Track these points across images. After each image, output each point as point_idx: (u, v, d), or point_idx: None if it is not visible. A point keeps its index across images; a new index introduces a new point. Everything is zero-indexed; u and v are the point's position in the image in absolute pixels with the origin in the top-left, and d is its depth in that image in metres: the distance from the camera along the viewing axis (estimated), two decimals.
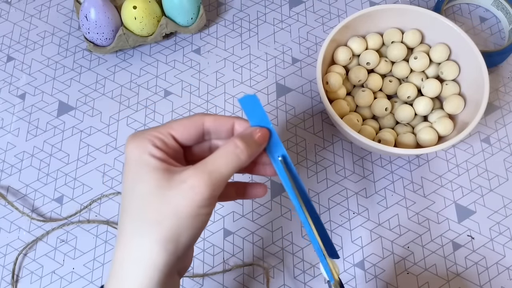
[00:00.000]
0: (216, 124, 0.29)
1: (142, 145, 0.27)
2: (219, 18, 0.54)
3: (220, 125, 0.29)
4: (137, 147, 0.27)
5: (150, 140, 0.27)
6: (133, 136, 0.28)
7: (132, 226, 0.26)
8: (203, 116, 0.29)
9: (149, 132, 0.28)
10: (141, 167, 0.27)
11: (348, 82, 0.47)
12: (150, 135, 0.28)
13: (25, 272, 0.44)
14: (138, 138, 0.28)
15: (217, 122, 0.29)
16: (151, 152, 0.27)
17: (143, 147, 0.27)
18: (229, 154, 0.27)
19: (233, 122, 0.29)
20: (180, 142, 0.29)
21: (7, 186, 0.47)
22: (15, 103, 0.51)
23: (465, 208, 0.45)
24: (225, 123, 0.29)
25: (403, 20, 0.47)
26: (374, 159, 0.47)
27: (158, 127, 0.28)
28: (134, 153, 0.27)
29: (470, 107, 0.44)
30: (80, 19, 0.48)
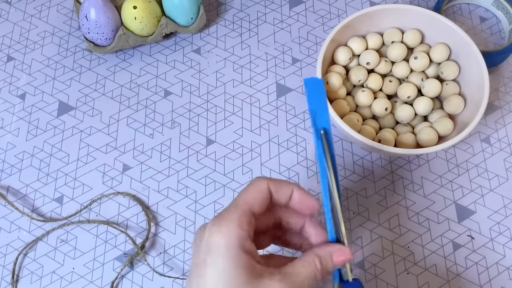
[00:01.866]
0: (277, 191, 0.29)
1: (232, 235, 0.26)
2: (219, 18, 0.54)
3: (281, 191, 0.29)
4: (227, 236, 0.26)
5: (241, 227, 0.26)
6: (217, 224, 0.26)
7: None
8: (266, 181, 0.29)
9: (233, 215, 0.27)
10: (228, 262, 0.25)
11: (348, 82, 0.47)
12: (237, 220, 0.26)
13: (25, 272, 0.44)
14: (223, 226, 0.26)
15: (278, 189, 0.29)
16: (243, 245, 0.26)
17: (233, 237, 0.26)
18: (310, 272, 0.27)
19: (292, 189, 0.29)
20: (257, 214, 0.28)
21: (7, 186, 0.47)
22: (15, 103, 0.51)
23: (465, 208, 0.45)
24: (284, 190, 0.29)
25: (403, 20, 0.47)
26: (374, 159, 0.47)
27: (239, 205, 0.27)
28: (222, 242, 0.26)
29: (470, 107, 0.44)
30: (80, 19, 0.48)
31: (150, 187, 0.46)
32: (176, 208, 0.46)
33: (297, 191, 0.30)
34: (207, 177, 0.47)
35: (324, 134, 0.28)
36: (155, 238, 0.45)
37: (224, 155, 0.48)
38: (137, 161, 0.48)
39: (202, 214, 0.45)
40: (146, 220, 0.45)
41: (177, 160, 0.48)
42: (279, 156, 0.47)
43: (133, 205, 0.46)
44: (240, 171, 0.47)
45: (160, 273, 0.43)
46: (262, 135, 0.48)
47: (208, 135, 0.49)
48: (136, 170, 0.47)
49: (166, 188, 0.46)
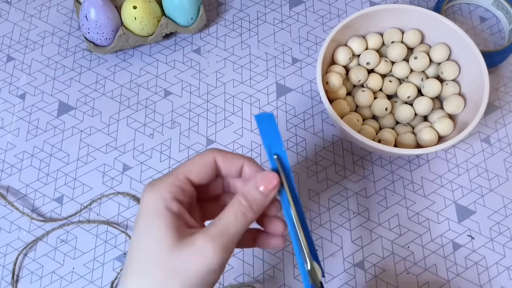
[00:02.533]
0: (226, 164, 0.29)
1: (160, 195, 0.26)
2: (219, 18, 0.54)
3: (230, 164, 0.29)
4: (154, 198, 0.26)
5: (169, 190, 0.27)
6: (151, 184, 0.27)
7: (137, 285, 0.26)
8: (214, 153, 0.29)
9: (167, 179, 0.27)
10: (154, 220, 0.26)
11: (348, 82, 0.47)
12: (169, 184, 0.27)
13: (25, 272, 0.44)
14: (156, 187, 0.27)
15: (227, 162, 0.29)
16: (168, 206, 0.26)
17: (160, 197, 0.26)
18: (236, 214, 0.26)
19: (243, 163, 0.29)
20: (196, 184, 0.28)
21: (7, 186, 0.47)
22: (15, 103, 0.51)
23: (465, 208, 0.45)
24: (234, 163, 0.29)
25: (403, 20, 0.47)
26: (374, 159, 0.47)
27: (176, 172, 0.28)
28: (152, 203, 0.26)
29: (470, 107, 0.44)
30: (80, 19, 0.48)
31: None
32: None
33: (248, 164, 0.29)
34: None
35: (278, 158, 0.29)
36: None
37: None
38: (137, 161, 0.48)
39: None
40: None
41: (177, 160, 0.48)
42: None
43: (133, 205, 0.46)
44: None
45: None
46: None
47: (208, 135, 0.49)
48: (136, 170, 0.47)
49: None
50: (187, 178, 0.28)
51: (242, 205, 0.27)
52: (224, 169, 0.29)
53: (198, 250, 0.25)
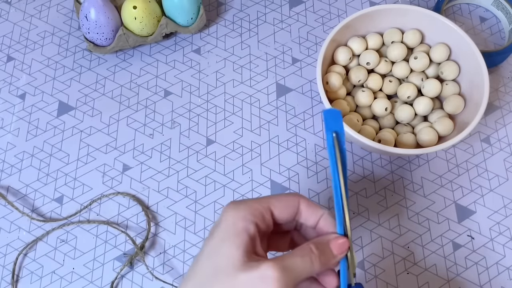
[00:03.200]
0: (308, 211, 0.30)
1: (241, 215, 0.28)
2: (219, 18, 0.54)
3: (311, 212, 0.30)
4: (236, 216, 0.28)
5: (251, 213, 0.28)
6: (235, 203, 0.28)
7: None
8: (299, 198, 0.30)
9: (252, 203, 0.28)
10: (230, 237, 0.27)
11: (348, 82, 0.47)
12: (253, 208, 0.28)
13: (25, 272, 0.44)
14: (241, 207, 0.28)
15: (309, 210, 0.30)
16: (246, 227, 0.27)
17: (241, 217, 0.28)
18: (304, 256, 0.27)
19: (322, 215, 0.30)
20: (277, 219, 0.29)
21: (7, 186, 0.47)
22: (15, 103, 0.51)
23: (465, 208, 0.45)
24: (315, 214, 0.30)
25: (403, 20, 0.47)
26: (374, 159, 0.47)
27: (260, 200, 0.29)
28: (230, 220, 0.28)
29: (470, 107, 0.44)
30: (80, 19, 0.48)
31: (150, 187, 0.46)
32: (176, 208, 0.46)
33: (325, 218, 0.30)
34: (207, 177, 0.47)
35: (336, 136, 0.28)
36: (155, 238, 0.45)
37: (224, 155, 0.48)
38: (137, 161, 0.48)
39: (202, 214, 0.45)
40: (146, 220, 0.45)
41: (177, 160, 0.48)
42: (279, 156, 0.47)
43: (133, 205, 0.46)
44: (240, 171, 0.47)
45: (156, 276, 0.43)
46: (262, 135, 0.48)
47: (208, 135, 0.49)
48: (136, 170, 0.47)
49: (166, 188, 0.46)
50: (270, 209, 0.29)
51: (312, 252, 0.27)
52: (304, 216, 0.30)
53: (261, 275, 0.26)
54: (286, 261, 0.27)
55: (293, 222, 0.31)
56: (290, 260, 0.27)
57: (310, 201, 0.30)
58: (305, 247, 0.28)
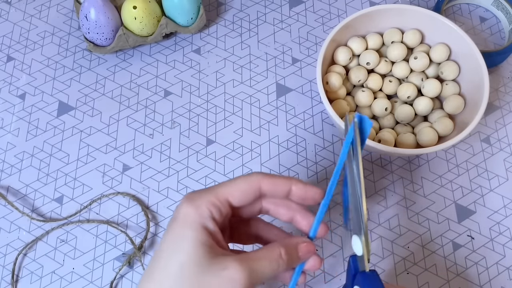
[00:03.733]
0: (273, 188, 0.29)
1: (199, 212, 0.27)
2: (219, 18, 0.54)
3: (277, 188, 0.29)
4: (193, 212, 0.27)
5: (208, 208, 0.27)
6: (191, 197, 0.28)
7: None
8: (260, 178, 0.29)
9: (208, 196, 0.28)
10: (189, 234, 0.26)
11: (348, 82, 0.47)
12: (209, 202, 0.27)
13: (25, 272, 0.44)
14: (196, 201, 0.27)
15: (275, 186, 0.29)
16: (204, 224, 0.27)
17: (199, 214, 0.27)
18: (272, 261, 0.27)
19: (291, 185, 0.29)
20: (234, 206, 0.29)
21: (7, 186, 0.47)
22: (15, 103, 0.51)
23: (465, 208, 0.45)
24: (282, 187, 0.29)
25: (403, 20, 0.47)
26: (374, 159, 0.47)
27: (217, 190, 0.28)
28: (188, 216, 0.27)
29: (470, 107, 0.44)
30: (80, 19, 0.48)
31: (150, 187, 0.46)
32: None
33: (296, 185, 0.29)
34: (207, 177, 0.47)
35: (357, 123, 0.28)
36: (155, 238, 0.45)
37: (224, 155, 0.48)
38: (137, 161, 0.48)
39: None
40: (145, 220, 0.45)
41: (177, 160, 0.48)
42: (279, 156, 0.48)
43: (133, 205, 0.46)
44: (240, 171, 0.47)
45: None
46: (262, 135, 0.48)
47: (208, 135, 0.49)
48: (136, 170, 0.47)
49: (166, 188, 0.46)
50: (227, 200, 0.28)
51: (280, 258, 0.27)
52: (270, 192, 0.29)
53: (228, 275, 0.25)
54: (253, 263, 0.26)
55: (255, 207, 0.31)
56: (258, 263, 0.27)
57: (274, 177, 0.29)
58: (275, 250, 0.28)
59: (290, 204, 0.31)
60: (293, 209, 0.31)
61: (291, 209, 0.31)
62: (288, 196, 0.30)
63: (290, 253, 0.28)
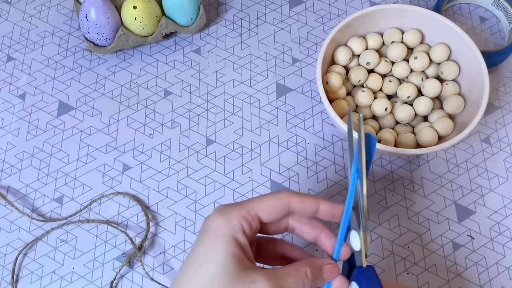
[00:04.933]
0: (302, 207, 0.30)
1: (230, 224, 0.27)
2: (219, 18, 0.54)
3: (306, 207, 0.30)
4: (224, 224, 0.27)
5: (239, 221, 0.28)
6: (222, 210, 0.28)
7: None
8: (289, 196, 0.29)
9: (239, 210, 0.28)
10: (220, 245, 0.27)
11: (348, 82, 0.47)
12: (240, 215, 0.28)
13: (25, 272, 0.44)
14: (227, 214, 0.28)
15: (303, 205, 0.30)
16: (235, 236, 0.27)
17: (230, 226, 0.27)
18: (298, 279, 0.28)
19: (319, 205, 0.30)
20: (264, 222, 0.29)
21: (7, 186, 0.47)
22: (15, 103, 0.51)
23: (465, 208, 0.45)
24: (310, 206, 0.30)
25: (403, 20, 0.47)
26: (374, 159, 0.47)
27: (247, 205, 0.29)
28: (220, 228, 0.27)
29: (470, 107, 0.44)
30: (80, 19, 0.48)
31: (150, 187, 0.46)
32: (176, 208, 0.46)
33: (323, 205, 0.30)
34: (207, 177, 0.47)
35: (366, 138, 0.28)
36: (155, 238, 0.45)
37: (224, 155, 0.48)
38: (137, 161, 0.48)
39: (202, 214, 0.45)
40: (145, 220, 0.45)
41: (177, 160, 0.48)
42: (279, 156, 0.48)
43: (133, 205, 0.46)
44: (240, 171, 0.47)
45: (154, 277, 0.43)
46: (262, 135, 0.48)
47: (208, 135, 0.49)
48: (136, 170, 0.47)
49: (166, 188, 0.46)
50: (257, 215, 0.29)
51: (306, 277, 0.28)
52: (298, 211, 0.30)
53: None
54: (281, 279, 0.27)
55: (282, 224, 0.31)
56: (285, 279, 0.27)
57: (303, 195, 0.30)
58: (301, 269, 0.28)
59: (315, 223, 0.31)
60: (318, 228, 0.31)
61: (316, 228, 0.31)
62: (315, 214, 0.31)
63: (315, 273, 0.28)
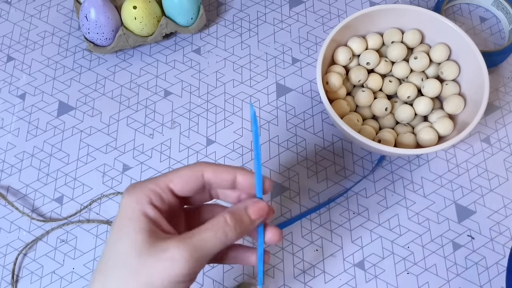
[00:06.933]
0: (217, 177, 0.28)
1: (138, 200, 0.26)
2: (219, 18, 0.54)
3: (221, 177, 0.28)
4: (132, 201, 0.26)
5: (147, 195, 0.27)
6: (131, 188, 0.27)
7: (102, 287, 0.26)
8: (203, 167, 0.28)
9: (147, 185, 0.27)
10: (130, 223, 0.26)
11: (348, 82, 0.47)
12: (148, 189, 0.27)
13: (25, 272, 0.44)
14: (135, 191, 0.27)
15: (218, 175, 0.28)
16: (144, 210, 0.26)
17: (138, 202, 0.26)
18: (217, 230, 0.26)
19: (235, 175, 0.28)
20: (178, 195, 0.28)
21: (7, 186, 0.47)
22: (15, 103, 0.51)
23: (465, 208, 0.45)
24: (226, 176, 0.28)
25: (403, 20, 0.47)
26: (374, 159, 0.47)
27: (157, 179, 0.28)
28: (128, 206, 0.26)
29: (470, 107, 0.44)
30: (80, 19, 0.48)
31: None
32: None
33: (241, 174, 0.28)
34: None
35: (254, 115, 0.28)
36: None
37: (224, 155, 0.48)
38: (137, 161, 0.48)
39: None
40: None
41: (177, 160, 0.48)
42: (279, 156, 0.48)
43: None
44: None
45: None
46: (262, 135, 0.48)
47: (208, 135, 0.49)
48: (136, 170, 0.47)
49: None
50: (168, 187, 0.28)
51: (226, 224, 0.26)
52: (214, 182, 0.28)
53: (169, 256, 0.25)
54: (195, 238, 0.25)
55: (205, 194, 0.30)
56: (200, 236, 0.25)
57: (218, 165, 0.28)
58: (219, 219, 0.26)
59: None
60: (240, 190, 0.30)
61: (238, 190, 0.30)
62: (234, 187, 0.29)
63: (239, 218, 0.27)
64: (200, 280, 0.43)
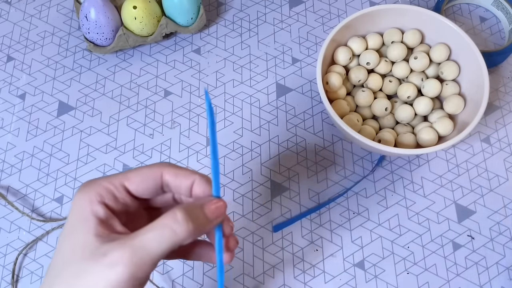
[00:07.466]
0: (176, 180, 0.26)
1: (88, 198, 0.25)
2: (219, 18, 0.54)
3: (179, 181, 0.26)
4: (84, 199, 0.25)
5: (99, 193, 0.25)
6: (84, 186, 0.26)
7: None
8: (164, 167, 0.26)
9: (101, 182, 0.25)
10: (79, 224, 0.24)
11: (348, 82, 0.47)
12: (101, 187, 0.25)
13: (25, 272, 0.44)
14: (88, 189, 0.25)
15: (177, 178, 0.26)
16: (93, 210, 0.24)
17: (88, 200, 0.25)
18: (163, 229, 0.23)
19: (193, 180, 0.26)
20: (136, 195, 0.26)
21: (7, 186, 0.47)
22: (15, 103, 0.51)
23: (465, 208, 0.45)
24: (184, 180, 0.26)
25: (403, 20, 0.47)
26: (374, 159, 0.47)
27: (113, 176, 0.26)
28: (79, 206, 0.25)
29: (470, 107, 0.44)
30: (80, 19, 0.48)
31: None
32: None
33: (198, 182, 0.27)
34: None
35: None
36: None
37: (224, 155, 0.48)
38: (137, 161, 0.48)
39: None
40: None
41: (177, 160, 0.48)
42: (279, 156, 0.48)
43: None
44: (240, 171, 0.47)
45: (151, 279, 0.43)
46: (262, 135, 0.48)
47: (208, 135, 0.49)
48: None
49: None
50: (123, 186, 0.26)
51: (175, 221, 0.23)
52: (174, 186, 0.27)
53: (107, 262, 0.23)
54: (137, 239, 0.23)
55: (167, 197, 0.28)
56: (143, 236, 0.23)
57: (179, 168, 0.27)
58: (167, 216, 0.24)
59: None
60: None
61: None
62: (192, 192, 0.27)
63: (193, 215, 0.24)
64: (200, 280, 0.43)
